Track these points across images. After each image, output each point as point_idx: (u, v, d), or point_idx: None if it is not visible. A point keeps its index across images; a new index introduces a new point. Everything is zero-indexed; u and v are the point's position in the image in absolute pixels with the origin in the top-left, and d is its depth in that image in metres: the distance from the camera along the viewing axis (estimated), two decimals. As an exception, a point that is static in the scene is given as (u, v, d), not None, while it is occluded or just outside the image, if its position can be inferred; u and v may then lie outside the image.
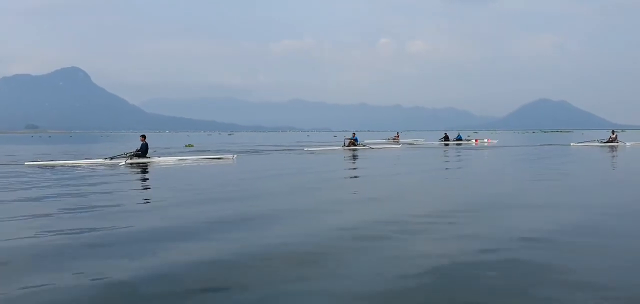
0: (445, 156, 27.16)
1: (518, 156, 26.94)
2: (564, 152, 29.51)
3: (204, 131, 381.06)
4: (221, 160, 23.05)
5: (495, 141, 45.97)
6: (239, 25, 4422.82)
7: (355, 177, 16.62)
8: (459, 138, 44.02)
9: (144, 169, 18.47)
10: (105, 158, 20.57)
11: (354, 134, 34.40)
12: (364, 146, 33.63)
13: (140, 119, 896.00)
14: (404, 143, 45.63)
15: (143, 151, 20.80)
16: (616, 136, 35.58)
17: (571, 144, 37.92)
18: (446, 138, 43.66)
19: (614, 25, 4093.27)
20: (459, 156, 27.62)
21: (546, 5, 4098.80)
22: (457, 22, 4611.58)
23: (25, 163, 20.50)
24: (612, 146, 33.39)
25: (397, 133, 56.62)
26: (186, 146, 43.74)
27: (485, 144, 43.28)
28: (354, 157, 25.20)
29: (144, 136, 21.45)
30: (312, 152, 30.97)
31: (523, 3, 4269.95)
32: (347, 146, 32.05)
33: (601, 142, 34.92)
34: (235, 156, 24.30)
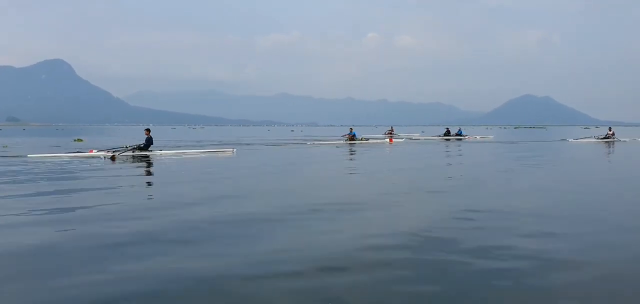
0: (447, 150, 28.19)
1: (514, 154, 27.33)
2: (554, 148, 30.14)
3: (189, 125, 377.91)
4: (220, 153, 23.51)
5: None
6: (225, 18, 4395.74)
7: (353, 173, 16.68)
8: (459, 133, 44.75)
9: (146, 162, 18.68)
10: (108, 151, 20.68)
11: (351, 129, 35.77)
12: (361, 140, 34.26)
13: (124, 112, 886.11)
14: (405, 137, 45.06)
15: (146, 145, 21.01)
16: (613, 132, 37.86)
17: (570, 140, 40.68)
18: (448, 133, 44.60)
19: (597, 22, 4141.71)
20: (460, 149, 28.83)
21: (532, 1, 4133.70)
22: (443, 16, 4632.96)
23: (28, 155, 20.59)
24: (609, 142, 35.48)
25: (391, 127, 58.02)
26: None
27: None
28: (352, 152, 25.46)
29: (148, 130, 21.84)
30: (314, 145, 32.70)
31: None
32: (347, 141, 33.26)
33: (598, 138, 37.92)
34: (234, 149, 24.69)
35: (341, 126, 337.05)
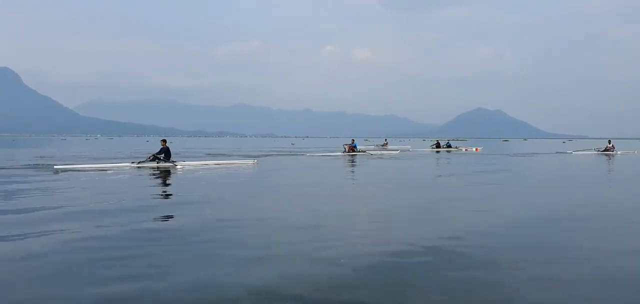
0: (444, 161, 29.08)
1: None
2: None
3: (146, 135, 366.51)
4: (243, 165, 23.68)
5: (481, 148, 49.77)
6: (182, 27, 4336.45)
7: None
8: (448, 145, 47.76)
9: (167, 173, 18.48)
10: (132, 162, 21.10)
11: (353, 140, 36.41)
12: (362, 152, 35.16)
13: (74, 123, 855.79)
14: (400, 150, 46.62)
15: (166, 154, 21.07)
16: (612, 145, 38.92)
17: (573, 152, 40.50)
18: (438, 145, 47.69)
19: (546, 38, 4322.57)
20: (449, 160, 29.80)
21: (485, 16, 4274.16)
22: (401, 30, 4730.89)
23: (55, 167, 20.35)
24: (608, 155, 36.22)
25: (386, 140, 60.30)
26: None
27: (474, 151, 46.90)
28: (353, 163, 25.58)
29: (164, 141, 22.06)
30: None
31: (464, 14, 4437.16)
32: (347, 152, 33.81)
33: (598, 151, 38.85)
34: (255, 161, 24.50)
35: (296, 136, 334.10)
